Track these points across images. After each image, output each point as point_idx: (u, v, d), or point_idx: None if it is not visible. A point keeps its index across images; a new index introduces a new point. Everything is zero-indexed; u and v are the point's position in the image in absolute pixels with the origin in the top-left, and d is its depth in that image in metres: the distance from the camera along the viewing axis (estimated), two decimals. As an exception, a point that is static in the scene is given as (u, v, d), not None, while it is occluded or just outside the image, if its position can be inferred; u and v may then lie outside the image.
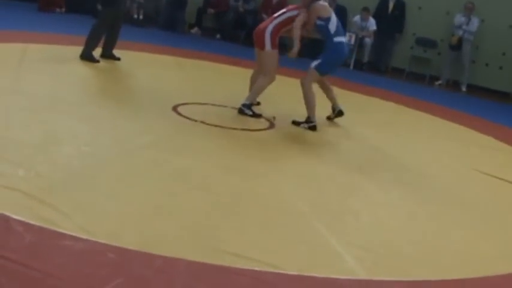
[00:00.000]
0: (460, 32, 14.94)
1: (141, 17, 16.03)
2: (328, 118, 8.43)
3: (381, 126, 8.71)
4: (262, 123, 7.69)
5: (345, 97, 9.63)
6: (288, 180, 5.80)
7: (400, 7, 15.85)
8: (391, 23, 15.70)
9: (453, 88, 14.94)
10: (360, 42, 15.49)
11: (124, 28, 10.27)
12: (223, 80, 10.27)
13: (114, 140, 6.10)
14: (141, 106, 7.66)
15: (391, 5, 15.89)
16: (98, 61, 9.67)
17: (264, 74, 8.01)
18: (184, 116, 7.30)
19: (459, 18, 14.99)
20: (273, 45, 7.87)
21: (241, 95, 8.17)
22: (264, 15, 15.45)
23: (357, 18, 15.59)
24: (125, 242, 3.93)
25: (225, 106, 8.20)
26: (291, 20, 7.90)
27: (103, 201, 4.55)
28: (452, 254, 4.85)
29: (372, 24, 15.47)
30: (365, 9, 15.54)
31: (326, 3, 8.01)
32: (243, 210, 4.91)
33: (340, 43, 7.91)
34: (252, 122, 7.67)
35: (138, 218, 4.40)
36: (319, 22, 7.81)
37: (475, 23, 14.92)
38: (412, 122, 9.48)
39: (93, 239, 3.89)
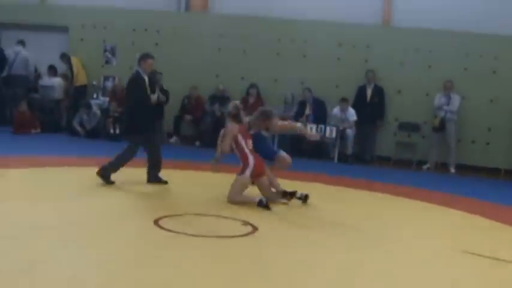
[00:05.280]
0: (442, 113, 15.38)
1: (117, 131, 16.28)
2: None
3: (366, 218, 8.95)
4: (243, 228, 7.94)
5: (329, 192, 10.01)
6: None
7: (379, 93, 16.19)
8: (371, 110, 15.98)
9: (442, 170, 15.27)
10: (341, 134, 15.67)
11: (100, 143, 10.58)
12: (206, 188, 10.46)
13: (97, 261, 6.35)
14: (122, 222, 7.95)
15: (369, 92, 16.21)
16: (113, 182, 10.11)
17: None
18: (166, 229, 7.58)
19: (439, 99, 15.46)
20: None
21: (223, 202, 8.54)
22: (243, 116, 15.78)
23: (336, 110, 15.90)
24: None
25: (209, 215, 8.48)
26: None
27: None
28: None
29: (351, 114, 15.78)
30: (343, 100, 15.84)
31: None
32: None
33: None
34: (233, 229, 7.91)
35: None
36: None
37: (456, 101, 15.38)
38: (399, 212, 9.65)
39: None
